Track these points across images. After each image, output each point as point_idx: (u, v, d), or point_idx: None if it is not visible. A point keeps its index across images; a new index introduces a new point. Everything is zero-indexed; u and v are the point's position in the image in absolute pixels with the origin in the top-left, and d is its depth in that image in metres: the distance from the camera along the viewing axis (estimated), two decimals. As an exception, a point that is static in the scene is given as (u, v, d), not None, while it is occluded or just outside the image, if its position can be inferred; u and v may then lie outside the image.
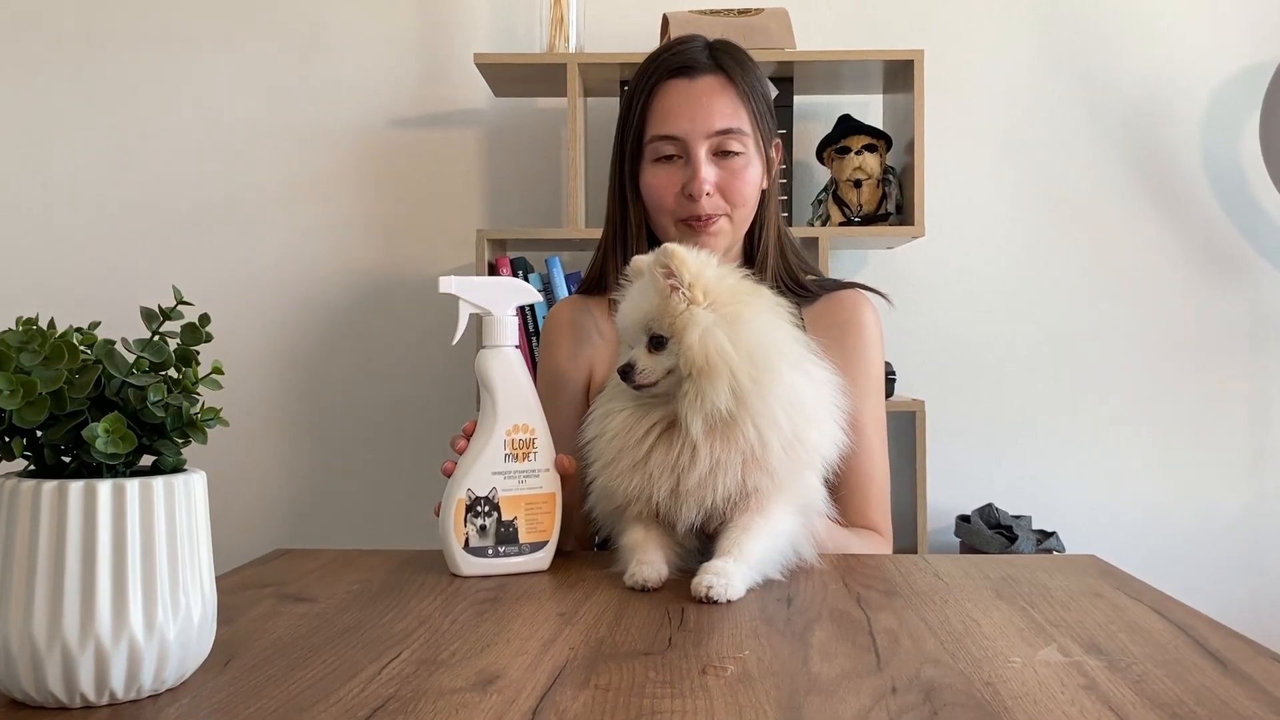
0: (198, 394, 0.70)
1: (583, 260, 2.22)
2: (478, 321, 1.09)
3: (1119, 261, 2.33)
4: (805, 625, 0.85)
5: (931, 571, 1.06)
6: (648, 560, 1.00)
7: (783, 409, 1.00)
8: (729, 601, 0.93)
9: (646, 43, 2.25)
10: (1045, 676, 0.71)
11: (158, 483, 0.67)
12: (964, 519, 2.25)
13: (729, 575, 0.94)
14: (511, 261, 2.05)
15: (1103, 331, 2.33)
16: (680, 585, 0.98)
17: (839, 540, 1.19)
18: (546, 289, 2.04)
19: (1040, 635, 0.82)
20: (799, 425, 1.02)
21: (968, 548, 2.21)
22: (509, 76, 2.13)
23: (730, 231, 1.38)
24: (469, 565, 1.04)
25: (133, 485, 0.65)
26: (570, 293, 2.04)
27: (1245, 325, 2.33)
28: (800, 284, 1.43)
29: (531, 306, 2.01)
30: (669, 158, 1.35)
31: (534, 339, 2.03)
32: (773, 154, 1.42)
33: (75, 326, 0.71)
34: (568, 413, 1.34)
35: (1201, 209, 2.33)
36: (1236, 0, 2.32)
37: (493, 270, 2.06)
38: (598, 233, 2.01)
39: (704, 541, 1.07)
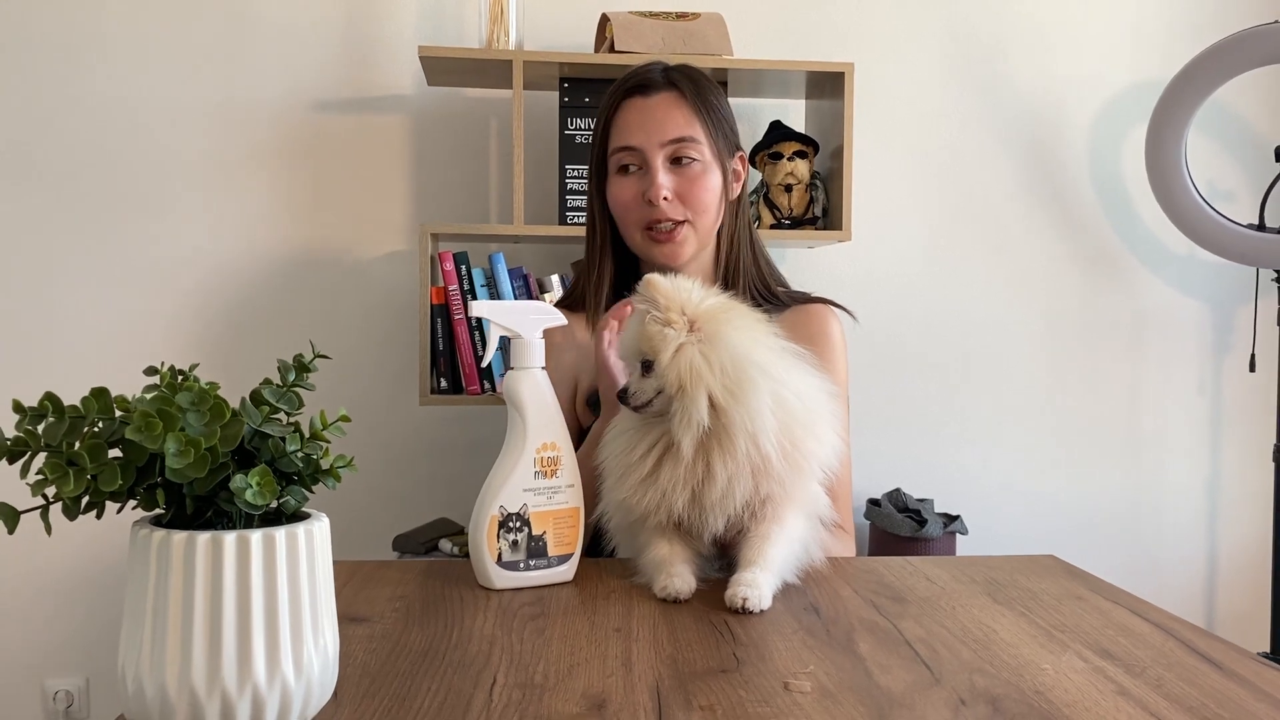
0: (326, 439, 0.73)
1: (523, 256, 2.25)
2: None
3: (1015, 262, 2.51)
4: (845, 636, 0.94)
5: (922, 575, 1.16)
6: (677, 573, 1.06)
7: (768, 418, 1.07)
8: (761, 611, 1.01)
9: (585, 39, 2.29)
10: (1081, 684, 0.82)
11: (300, 530, 0.69)
12: (874, 502, 2.40)
13: (760, 586, 1.02)
14: (454, 255, 2.05)
15: (998, 327, 2.51)
16: (705, 595, 1.06)
17: (824, 542, 1.28)
18: (490, 284, 2.06)
19: (1053, 641, 0.92)
20: (793, 433, 1.09)
21: (878, 529, 2.36)
22: (449, 69, 2.13)
23: (695, 240, 1.45)
24: (501, 579, 1.08)
25: (280, 534, 0.68)
26: (514, 289, 2.08)
27: (1124, 321, 2.55)
28: (772, 294, 1.51)
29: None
30: (628, 169, 1.44)
31: (480, 342, 2.05)
32: (736, 166, 1.50)
33: (182, 371, 0.72)
34: None
35: (1087, 214, 2.53)
36: (1122, 25, 2.52)
37: (434, 263, 2.06)
38: (538, 229, 2.07)
39: (719, 549, 1.14)
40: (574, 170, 2.12)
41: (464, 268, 2.06)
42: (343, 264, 2.31)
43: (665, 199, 1.40)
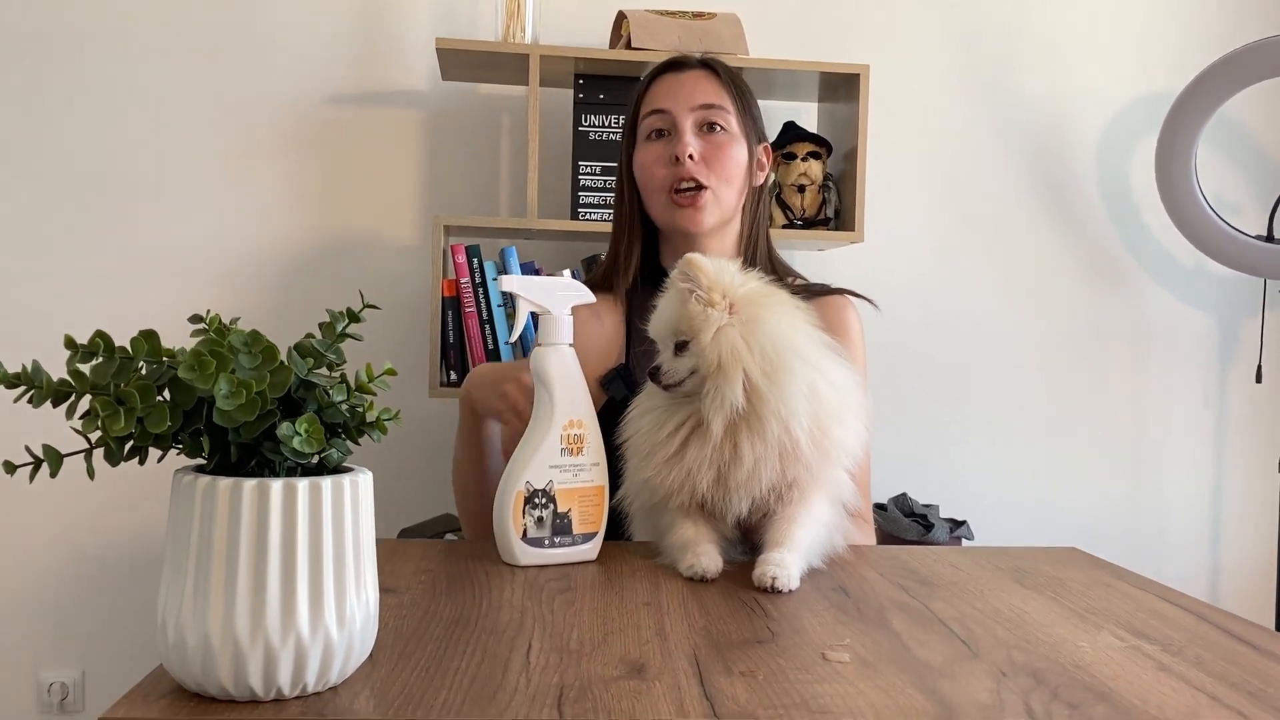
0: (373, 392, 0.72)
1: (535, 251, 2.25)
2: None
3: (1022, 269, 2.51)
4: (877, 614, 0.93)
5: (946, 562, 1.15)
6: (704, 552, 1.06)
7: (802, 404, 1.07)
8: (790, 591, 1.00)
9: (599, 37, 2.30)
10: (1120, 660, 0.81)
11: (345, 480, 0.68)
12: (880, 507, 2.39)
13: (788, 566, 1.01)
14: (466, 248, 2.05)
15: (1005, 334, 2.51)
16: (731, 575, 1.05)
17: (845, 529, 1.27)
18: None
19: (1086, 623, 0.92)
20: (823, 420, 1.09)
21: (885, 534, 2.35)
22: (465, 63, 2.12)
23: (717, 210, 1.45)
24: (526, 555, 1.07)
25: (326, 483, 0.67)
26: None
27: (1130, 330, 2.55)
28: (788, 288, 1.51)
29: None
30: (659, 134, 1.46)
31: (491, 335, 2.04)
32: (761, 156, 1.51)
33: (224, 325, 0.71)
34: None
35: (1095, 223, 2.54)
36: (1131, 35, 2.53)
37: (446, 256, 2.06)
38: (551, 224, 2.07)
39: (742, 533, 1.14)
40: (588, 167, 2.12)
41: (476, 261, 2.05)
42: (355, 256, 2.30)
43: (691, 157, 1.41)
